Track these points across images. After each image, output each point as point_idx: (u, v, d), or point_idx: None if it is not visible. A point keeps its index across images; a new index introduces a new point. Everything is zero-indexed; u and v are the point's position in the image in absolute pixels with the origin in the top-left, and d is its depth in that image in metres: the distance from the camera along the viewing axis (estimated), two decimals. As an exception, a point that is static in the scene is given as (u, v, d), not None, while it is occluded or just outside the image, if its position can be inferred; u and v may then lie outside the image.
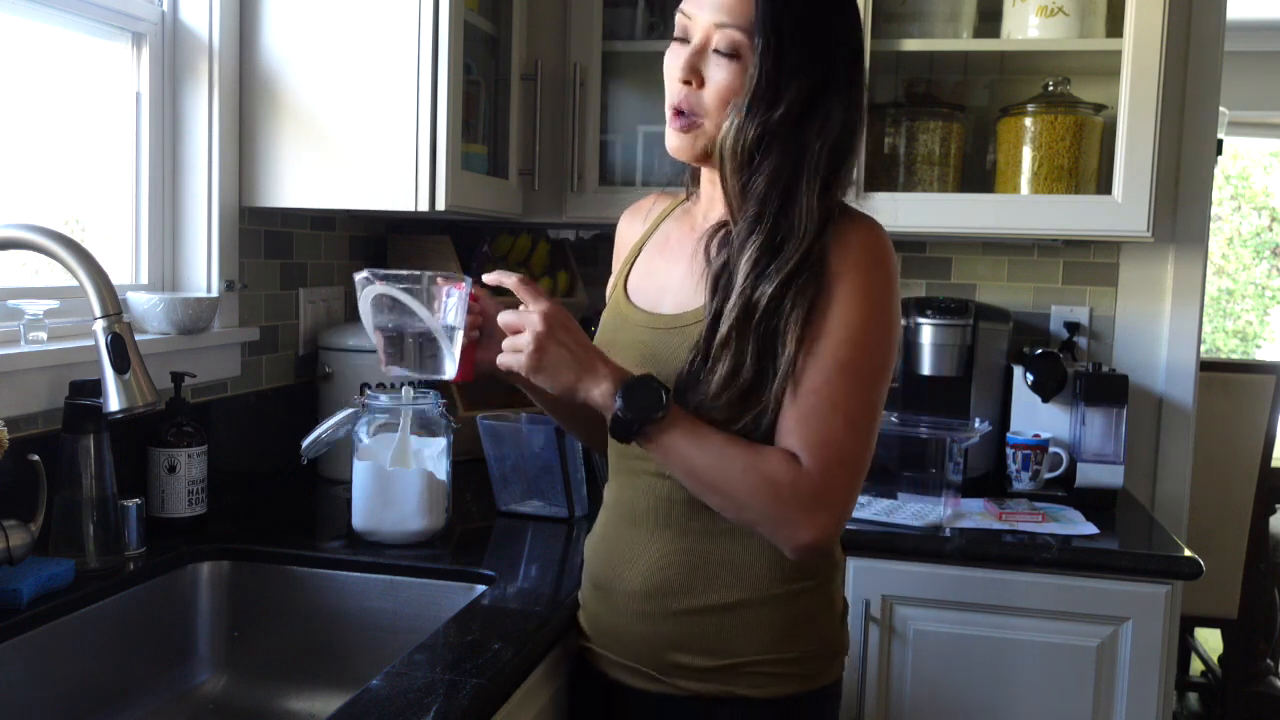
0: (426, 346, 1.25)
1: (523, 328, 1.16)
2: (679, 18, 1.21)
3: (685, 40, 1.20)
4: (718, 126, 1.19)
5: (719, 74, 1.17)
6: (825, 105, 1.17)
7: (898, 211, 2.15)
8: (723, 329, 1.16)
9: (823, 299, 1.15)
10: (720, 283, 1.19)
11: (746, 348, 1.15)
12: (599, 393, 1.16)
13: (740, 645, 1.22)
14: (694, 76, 1.19)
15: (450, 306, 1.24)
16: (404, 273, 1.24)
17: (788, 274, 1.14)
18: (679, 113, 1.21)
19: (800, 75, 1.16)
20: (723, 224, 1.23)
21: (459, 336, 1.25)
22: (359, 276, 1.26)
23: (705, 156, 1.23)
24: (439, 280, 1.24)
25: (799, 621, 1.24)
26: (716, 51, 1.17)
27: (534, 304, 1.16)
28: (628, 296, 1.34)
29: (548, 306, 1.16)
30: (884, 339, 1.17)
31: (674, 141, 1.23)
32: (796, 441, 1.15)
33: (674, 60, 1.21)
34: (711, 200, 1.29)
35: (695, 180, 1.35)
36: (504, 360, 1.18)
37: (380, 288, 1.23)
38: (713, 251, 1.22)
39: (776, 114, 1.15)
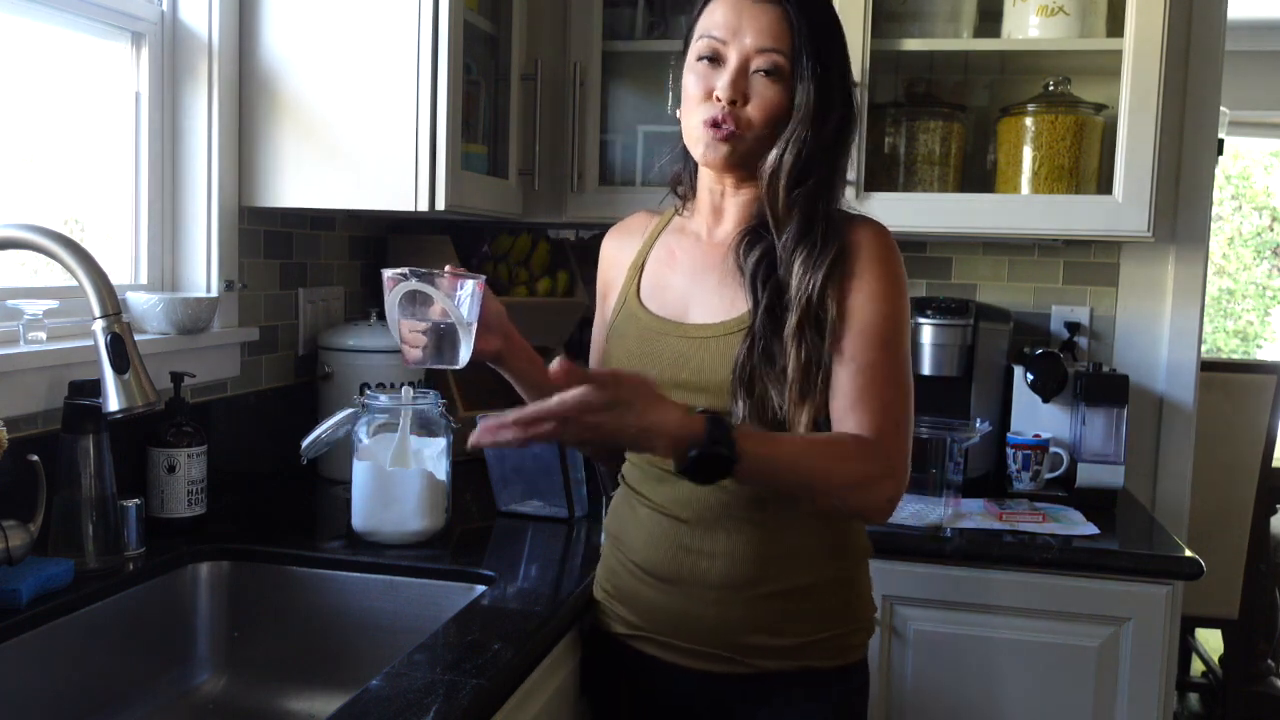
0: (447, 337, 1.33)
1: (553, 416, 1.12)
2: (706, 42, 1.30)
3: (715, 61, 1.30)
4: (759, 141, 1.29)
5: (766, 93, 1.28)
6: (849, 123, 1.33)
7: (898, 211, 2.16)
8: (792, 321, 1.27)
9: (859, 288, 1.29)
10: (758, 283, 1.30)
11: (811, 335, 1.27)
12: (661, 448, 1.15)
13: (812, 622, 1.34)
14: (740, 96, 1.28)
15: (464, 300, 1.33)
16: (426, 271, 1.33)
17: (828, 267, 1.28)
18: (717, 125, 1.29)
19: (836, 97, 1.30)
20: (747, 231, 1.34)
21: (474, 330, 1.34)
22: (392, 273, 1.32)
23: (736, 166, 1.32)
24: (452, 275, 1.33)
25: (851, 598, 1.38)
26: (760, 73, 1.28)
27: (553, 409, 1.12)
28: (645, 308, 1.40)
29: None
30: (907, 315, 1.34)
31: (716, 152, 1.31)
32: (860, 411, 1.27)
33: (709, 80, 1.30)
34: (719, 210, 1.39)
35: (682, 191, 1.44)
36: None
37: (414, 284, 1.31)
38: (744, 257, 1.33)
39: (825, 134, 1.29)
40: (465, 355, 1.34)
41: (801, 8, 1.28)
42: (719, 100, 1.28)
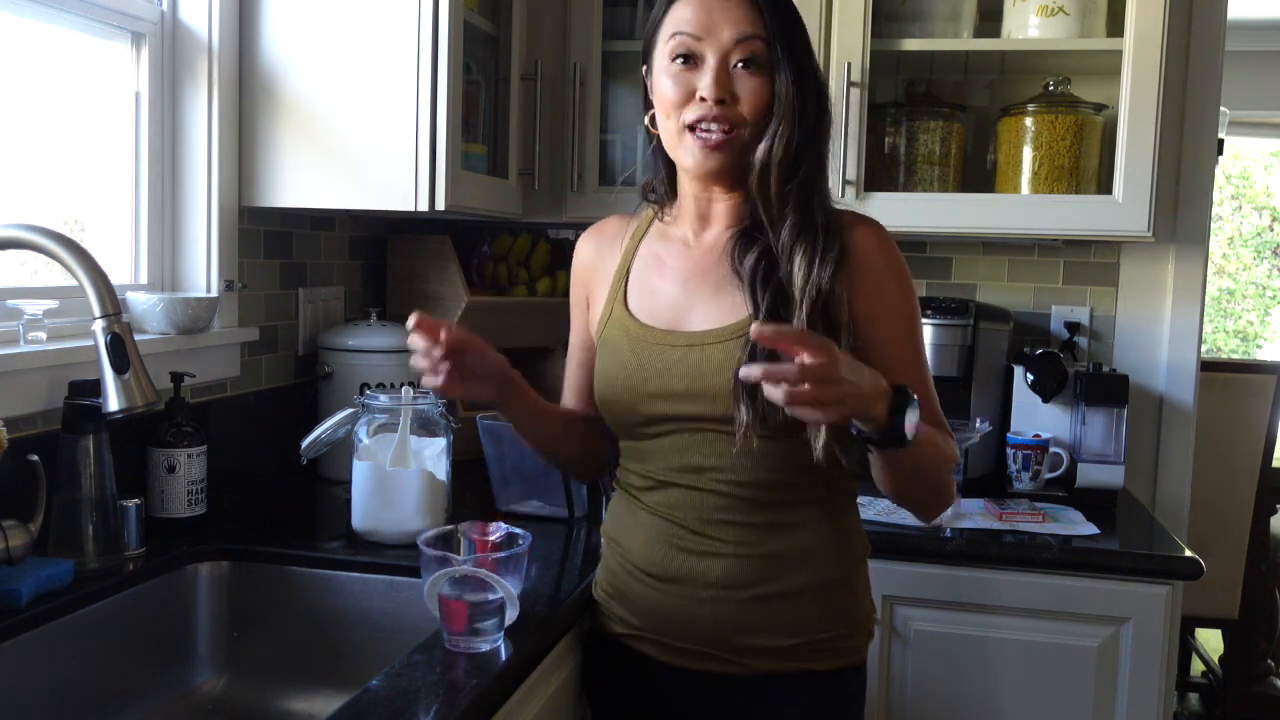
0: (496, 609, 1.24)
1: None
2: (679, 40, 1.26)
3: (690, 60, 1.26)
4: (755, 137, 1.26)
5: (751, 85, 1.25)
6: (825, 112, 1.30)
7: (898, 211, 2.16)
8: (799, 320, 1.23)
9: (879, 291, 1.28)
10: (758, 286, 1.26)
11: (821, 333, 1.19)
12: (880, 411, 1.13)
13: (809, 624, 1.32)
14: (728, 94, 1.25)
15: (518, 577, 1.31)
16: (472, 557, 1.29)
17: (834, 265, 1.25)
18: (701, 130, 1.25)
19: (812, 85, 1.28)
20: (739, 234, 1.31)
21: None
22: (435, 554, 1.26)
23: (729, 171, 1.29)
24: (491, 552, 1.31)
25: (848, 600, 1.36)
26: (741, 66, 1.25)
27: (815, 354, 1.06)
28: (634, 318, 1.36)
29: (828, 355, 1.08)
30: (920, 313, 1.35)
31: (710, 161, 1.27)
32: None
33: (689, 81, 1.26)
34: (705, 216, 1.36)
35: (656, 198, 1.40)
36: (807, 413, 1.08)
37: (469, 570, 1.23)
38: (739, 260, 1.29)
39: (808, 124, 1.26)
40: (511, 619, 1.27)
41: None
42: (704, 100, 1.24)
